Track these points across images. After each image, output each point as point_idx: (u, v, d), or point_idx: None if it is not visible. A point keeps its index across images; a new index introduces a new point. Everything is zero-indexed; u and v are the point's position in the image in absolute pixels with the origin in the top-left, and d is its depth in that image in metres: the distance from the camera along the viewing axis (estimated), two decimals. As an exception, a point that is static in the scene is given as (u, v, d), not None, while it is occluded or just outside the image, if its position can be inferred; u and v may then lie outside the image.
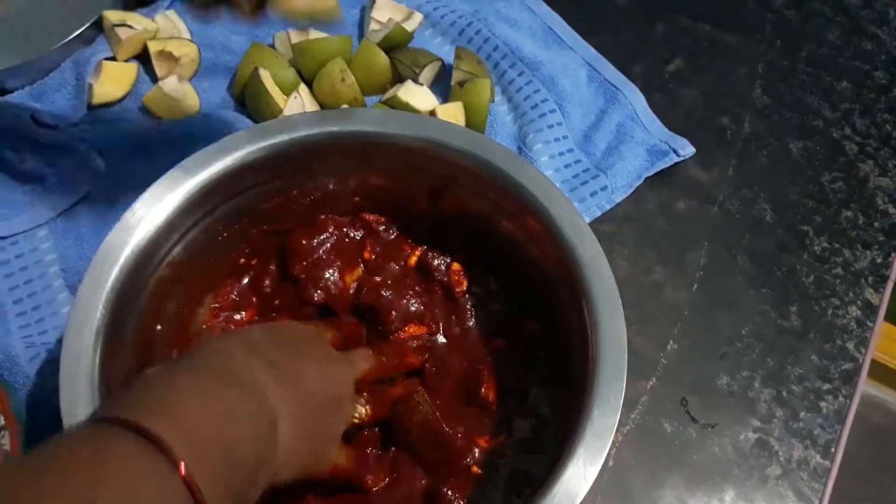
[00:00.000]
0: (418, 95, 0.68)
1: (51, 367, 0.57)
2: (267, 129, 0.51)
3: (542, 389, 0.55)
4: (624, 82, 0.74)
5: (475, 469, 0.52)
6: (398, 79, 0.71)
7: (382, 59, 0.70)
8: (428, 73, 0.71)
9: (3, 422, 0.51)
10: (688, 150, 0.71)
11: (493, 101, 0.72)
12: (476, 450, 0.52)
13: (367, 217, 0.60)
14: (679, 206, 0.69)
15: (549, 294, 0.52)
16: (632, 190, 0.69)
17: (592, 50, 0.76)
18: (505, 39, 0.75)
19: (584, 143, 0.71)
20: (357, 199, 0.58)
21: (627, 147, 0.70)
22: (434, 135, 0.52)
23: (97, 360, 0.44)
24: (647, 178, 0.69)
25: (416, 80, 0.69)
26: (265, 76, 0.68)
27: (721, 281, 0.66)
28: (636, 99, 0.73)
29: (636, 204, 0.69)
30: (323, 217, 0.59)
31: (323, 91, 0.69)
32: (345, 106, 0.68)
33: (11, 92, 0.69)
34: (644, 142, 0.71)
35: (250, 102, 0.69)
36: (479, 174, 0.52)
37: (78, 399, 0.43)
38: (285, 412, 0.39)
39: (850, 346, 0.64)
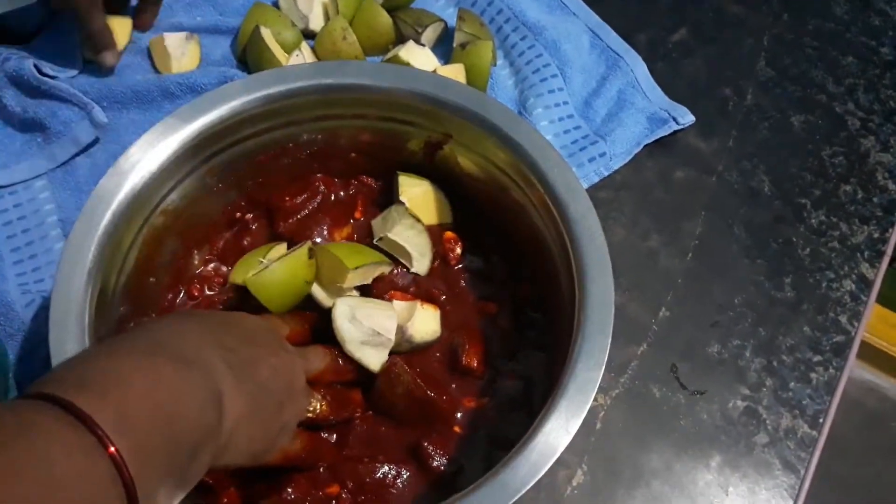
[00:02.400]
0: (420, 56, 0.68)
1: (45, 313, 0.56)
2: (263, 80, 0.51)
3: (532, 351, 0.55)
4: (626, 49, 0.74)
5: (456, 429, 0.52)
6: (400, 39, 0.71)
7: (385, 18, 0.70)
8: (430, 34, 0.71)
9: None
10: (687, 118, 0.70)
11: (494, 65, 0.71)
12: (461, 411, 0.53)
13: (364, 179, 0.60)
14: (678, 175, 0.69)
15: (543, 256, 0.52)
16: (630, 157, 0.68)
17: (596, 17, 0.76)
18: (509, 3, 0.74)
19: (584, 109, 0.71)
20: (354, 154, 0.58)
21: (627, 114, 0.70)
22: (429, 89, 0.52)
23: (88, 301, 0.45)
24: (646, 146, 0.69)
25: (417, 41, 0.69)
26: (266, 34, 0.67)
27: (716, 250, 0.66)
28: (637, 66, 0.73)
29: (634, 171, 0.69)
30: (314, 176, 0.59)
31: (324, 49, 0.69)
32: None
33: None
34: (644, 109, 0.70)
35: (251, 60, 0.69)
36: (474, 130, 0.52)
37: (67, 340, 0.43)
38: (233, 390, 0.38)
39: (843, 319, 0.64)
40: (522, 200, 0.53)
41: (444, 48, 0.73)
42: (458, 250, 0.57)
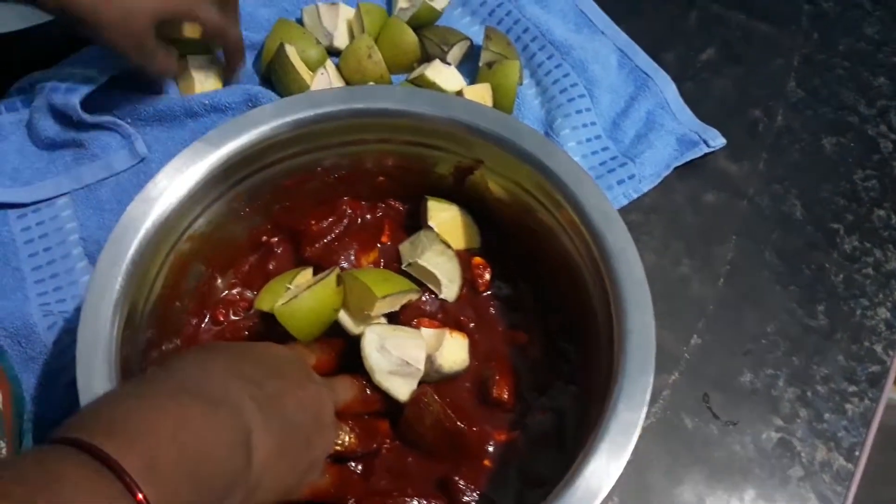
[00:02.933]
0: (446, 75, 0.67)
1: (68, 336, 0.56)
2: (292, 104, 0.50)
3: (565, 384, 0.53)
4: (655, 70, 0.73)
5: (486, 463, 0.51)
6: (426, 57, 0.70)
7: (410, 36, 0.69)
8: (456, 53, 0.70)
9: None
10: (718, 140, 0.69)
11: (521, 84, 0.70)
12: (491, 444, 0.51)
13: (391, 203, 0.59)
14: (708, 199, 0.68)
15: (576, 285, 0.51)
16: (660, 179, 0.67)
17: (624, 35, 0.75)
18: (536, 21, 0.73)
19: (613, 130, 0.69)
20: (381, 178, 0.57)
21: (657, 135, 0.68)
22: (461, 115, 0.51)
23: (115, 333, 0.44)
24: (675, 169, 0.68)
25: (443, 59, 0.68)
26: (291, 52, 0.67)
27: (748, 276, 0.65)
28: (667, 87, 0.72)
29: (664, 194, 0.67)
30: (340, 199, 0.58)
31: (349, 67, 0.68)
32: (371, 83, 0.67)
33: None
34: (674, 131, 0.69)
35: (276, 78, 0.68)
36: (507, 157, 0.51)
37: (94, 374, 0.42)
38: (260, 428, 0.37)
39: (879, 348, 0.63)
40: (554, 227, 0.51)
41: (470, 66, 0.72)
42: (487, 276, 0.56)
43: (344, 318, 0.51)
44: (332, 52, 0.71)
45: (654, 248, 0.65)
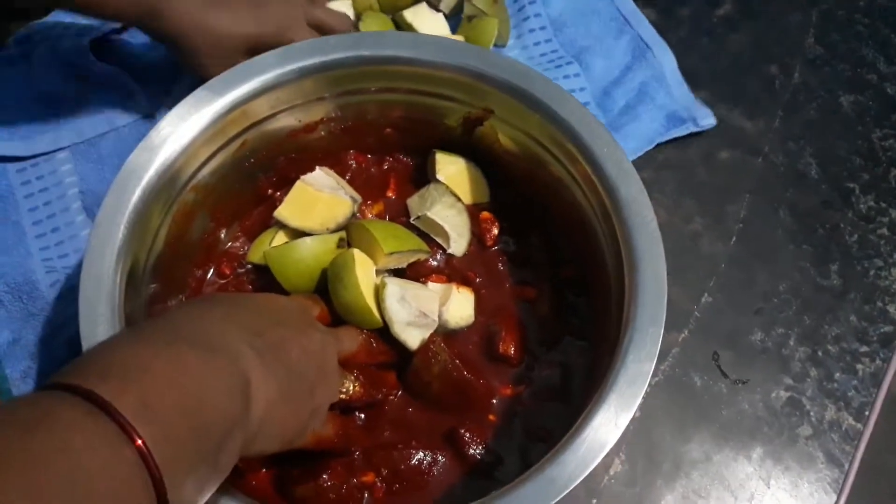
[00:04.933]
0: (426, 19, 0.65)
1: (70, 293, 0.56)
2: (297, 52, 0.49)
3: (573, 339, 0.53)
4: (656, 41, 0.70)
5: (492, 417, 0.50)
6: None
7: None
8: (449, 1, 0.68)
9: None
10: (708, 120, 0.66)
11: (504, 45, 0.69)
12: (496, 398, 0.51)
13: (398, 156, 0.58)
14: (722, 156, 0.67)
15: (587, 238, 0.50)
16: (640, 154, 0.65)
17: (631, 4, 0.72)
18: None
19: (603, 98, 0.67)
20: (388, 130, 0.55)
21: (645, 108, 0.66)
22: (470, 62, 0.49)
23: (118, 282, 0.43)
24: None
25: (436, 5, 0.67)
26: None
27: (761, 235, 0.64)
28: (666, 60, 0.69)
29: (677, 151, 0.66)
30: (345, 152, 0.57)
31: None
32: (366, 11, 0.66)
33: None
34: (664, 106, 0.66)
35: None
36: (517, 106, 0.49)
37: (98, 322, 0.42)
38: (260, 376, 0.36)
39: (892, 309, 0.62)
40: (565, 178, 0.50)
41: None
42: (495, 231, 0.55)
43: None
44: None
45: (665, 206, 0.64)
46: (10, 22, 0.67)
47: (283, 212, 0.52)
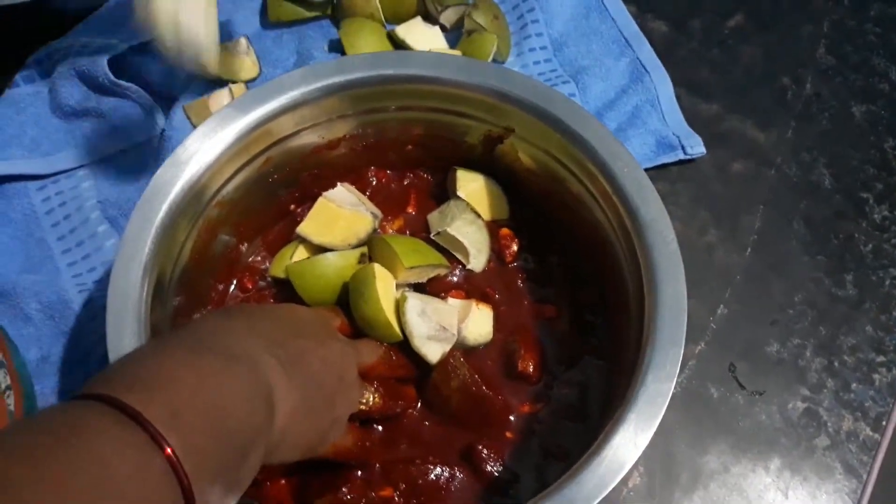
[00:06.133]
0: (422, 35, 0.66)
1: (103, 311, 0.56)
2: (321, 70, 0.49)
3: (593, 357, 0.53)
4: (656, 66, 0.69)
5: (509, 434, 0.51)
6: (423, 12, 0.69)
7: None
8: (450, 15, 0.68)
9: (8, 381, 0.50)
10: (698, 149, 0.66)
11: (504, 60, 0.69)
12: (514, 415, 0.51)
13: (419, 172, 0.58)
14: (735, 168, 0.67)
15: (606, 257, 0.50)
16: None
17: (635, 26, 0.72)
18: (544, 3, 0.71)
19: None
20: (410, 147, 0.56)
21: (636, 132, 0.66)
22: (491, 81, 0.50)
23: (144, 296, 0.44)
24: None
25: (436, 18, 0.67)
26: None
27: (775, 246, 0.64)
28: (663, 85, 0.68)
29: (691, 163, 0.66)
30: (366, 168, 0.57)
31: (342, 5, 0.68)
32: (360, 18, 0.67)
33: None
34: (656, 131, 0.66)
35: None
36: (538, 125, 0.50)
37: (124, 335, 0.42)
38: (282, 386, 0.37)
39: (907, 318, 0.62)
40: (585, 198, 0.51)
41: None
42: (515, 248, 0.56)
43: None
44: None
45: (680, 218, 0.64)
46: (30, 44, 0.67)
47: (306, 228, 0.52)
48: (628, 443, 0.40)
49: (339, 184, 0.54)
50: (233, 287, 0.55)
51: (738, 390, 0.59)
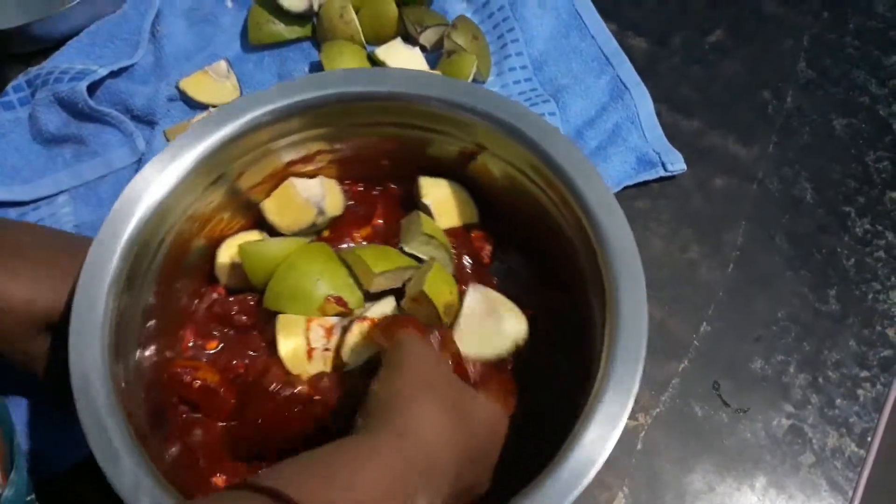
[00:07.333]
0: (401, 55, 0.66)
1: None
2: (292, 86, 0.49)
3: (567, 361, 0.52)
4: (636, 83, 0.69)
5: None
6: (404, 33, 0.69)
7: (391, 9, 0.69)
8: (430, 35, 0.69)
9: None
10: (678, 165, 0.65)
11: (484, 80, 0.69)
12: None
13: (388, 185, 0.58)
14: (717, 183, 0.67)
15: (574, 266, 0.50)
16: None
17: (615, 43, 0.72)
18: (523, 24, 0.72)
19: (575, 139, 0.67)
20: (385, 162, 0.56)
21: (616, 150, 0.66)
22: (463, 98, 0.49)
23: (110, 312, 0.43)
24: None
25: (416, 39, 0.68)
26: None
27: (758, 261, 0.64)
28: (643, 102, 0.68)
29: (672, 180, 0.66)
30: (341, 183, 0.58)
31: (322, 27, 0.69)
32: (341, 41, 0.67)
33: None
34: (636, 148, 0.66)
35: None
36: (507, 142, 0.50)
37: (87, 352, 0.42)
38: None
39: (891, 332, 0.62)
40: (551, 210, 0.51)
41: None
42: (489, 248, 0.56)
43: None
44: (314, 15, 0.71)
45: (662, 235, 0.64)
46: (9, 69, 0.67)
47: (268, 203, 0.55)
48: (586, 457, 0.40)
49: (320, 176, 0.55)
50: (208, 295, 0.55)
51: (723, 408, 0.58)
